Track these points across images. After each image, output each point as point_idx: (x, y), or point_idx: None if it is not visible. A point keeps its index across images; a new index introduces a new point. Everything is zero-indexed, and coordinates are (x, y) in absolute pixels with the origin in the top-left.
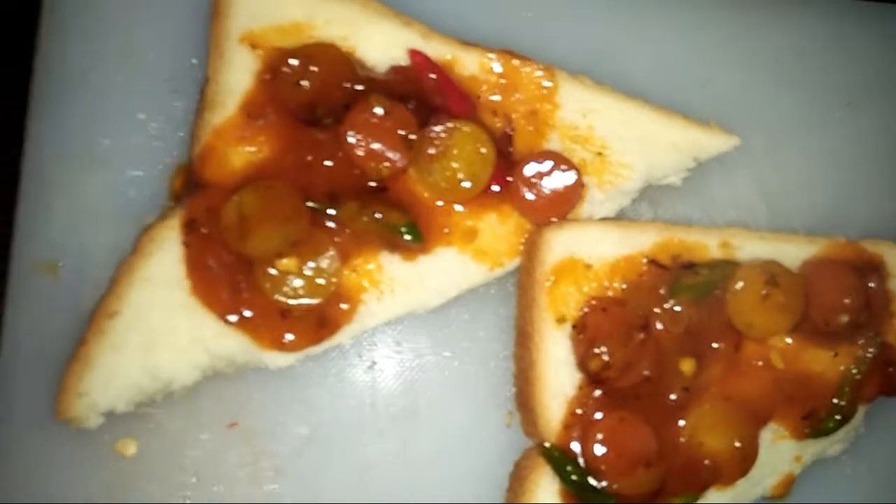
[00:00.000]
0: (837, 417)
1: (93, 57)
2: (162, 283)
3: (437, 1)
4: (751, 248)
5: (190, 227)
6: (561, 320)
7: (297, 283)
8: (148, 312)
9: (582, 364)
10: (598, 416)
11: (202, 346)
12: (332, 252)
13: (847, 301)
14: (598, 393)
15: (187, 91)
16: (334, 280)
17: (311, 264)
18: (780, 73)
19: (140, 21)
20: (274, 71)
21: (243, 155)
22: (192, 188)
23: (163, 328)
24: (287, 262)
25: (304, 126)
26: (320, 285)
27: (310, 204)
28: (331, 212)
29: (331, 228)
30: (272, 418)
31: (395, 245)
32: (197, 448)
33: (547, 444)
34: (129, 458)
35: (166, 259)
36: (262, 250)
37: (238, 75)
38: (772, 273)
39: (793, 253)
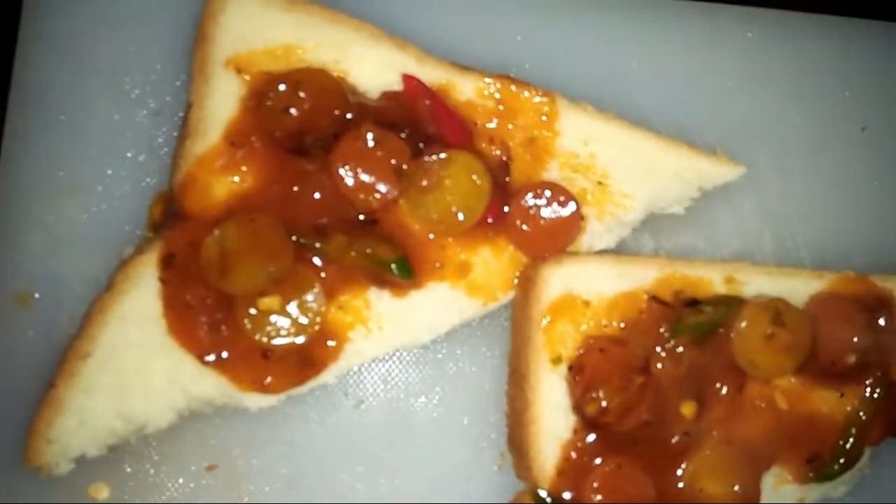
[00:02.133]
0: (842, 461)
1: (71, 80)
2: (137, 322)
3: (433, 23)
4: (757, 283)
5: (168, 263)
6: (557, 361)
7: (280, 322)
8: (122, 353)
9: (578, 408)
10: (595, 461)
11: (179, 388)
12: (317, 289)
13: (855, 339)
14: (594, 437)
15: (170, 116)
16: (318, 319)
17: (295, 302)
18: (791, 98)
19: (121, 43)
20: (260, 97)
21: (226, 185)
22: (172, 218)
23: (137, 369)
24: (269, 301)
25: (291, 155)
26: (303, 324)
27: (295, 238)
28: (317, 246)
29: (317, 264)
30: (254, 460)
31: (384, 281)
32: (174, 491)
33: (541, 493)
34: (102, 502)
35: (142, 296)
36: (244, 288)
37: (223, 101)
38: (777, 311)
39: (800, 288)
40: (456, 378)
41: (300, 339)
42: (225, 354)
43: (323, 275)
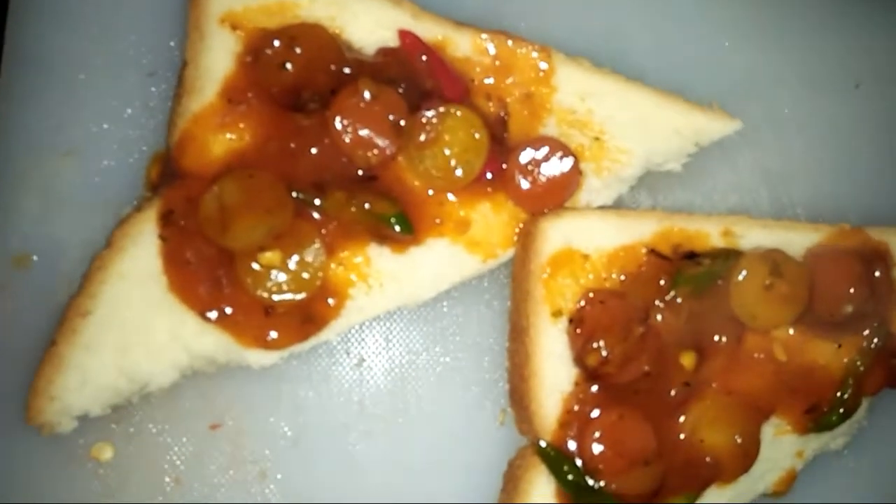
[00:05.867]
0: (841, 411)
1: (65, 40)
2: (137, 279)
3: None
4: (754, 236)
5: (167, 220)
6: (557, 314)
7: (280, 277)
8: (123, 310)
9: (579, 359)
10: (596, 413)
11: (181, 345)
12: (317, 245)
13: (852, 291)
14: (595, 389)
15: (165, 75)
16: (320, 274)
17: (296, 258)
18: (786, 53)
19: (114, 3)
20: (256, 53)
21: (224, 142)
22: (169, 178)
23: (139, 327)
24: (270, 256)
25: (288, 112)
26: (305, 280)
27: (294, 194)
28: (316, 202)
29: (316, 220)
30: (256, 419)
31: (383, 237)
32: (177, 451)
33: (542, 444)
34: (105, 462)
35: (142, 253)
36: (244, 243)
37: (218, 58)
38: (775, 262)
39: (797, 241)
40: (457, 335)
41: (301, 296)
42: (228, 311)
43: (323, 231)
